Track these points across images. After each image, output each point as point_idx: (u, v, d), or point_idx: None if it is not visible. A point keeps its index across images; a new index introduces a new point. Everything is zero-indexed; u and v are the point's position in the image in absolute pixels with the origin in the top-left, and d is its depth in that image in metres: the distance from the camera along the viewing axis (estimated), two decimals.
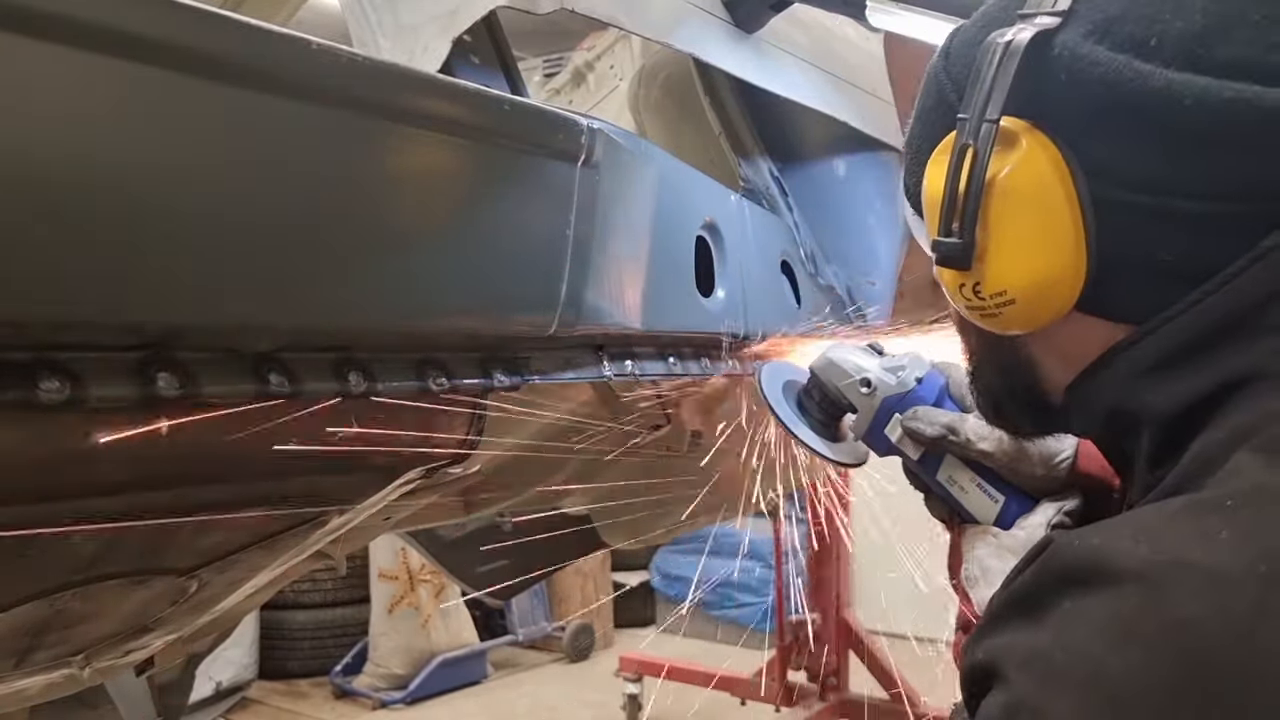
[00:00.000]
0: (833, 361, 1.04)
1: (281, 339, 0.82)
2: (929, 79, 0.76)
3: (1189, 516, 0.54)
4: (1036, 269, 0.67)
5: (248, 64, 0.70)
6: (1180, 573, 0.51)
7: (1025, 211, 0.67)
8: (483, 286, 0.94)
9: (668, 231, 1.23)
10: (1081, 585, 0.54)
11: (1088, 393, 0.70)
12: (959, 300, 0.73)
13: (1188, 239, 0.63)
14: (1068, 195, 0.65)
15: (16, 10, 0.57)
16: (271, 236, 0.76)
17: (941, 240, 0.70)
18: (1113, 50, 0.63)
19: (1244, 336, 0.61)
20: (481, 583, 2.79)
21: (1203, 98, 0.60)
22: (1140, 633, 0.50)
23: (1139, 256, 0.65)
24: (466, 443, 1.07)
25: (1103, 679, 0.50)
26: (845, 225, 1.74)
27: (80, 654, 1.07)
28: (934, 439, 0.93)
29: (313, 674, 4.80)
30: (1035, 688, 0.53)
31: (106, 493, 0.80)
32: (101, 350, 0.71)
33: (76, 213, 0.63)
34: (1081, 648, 0.52)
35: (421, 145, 0.87)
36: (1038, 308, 0.68)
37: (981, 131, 0.66)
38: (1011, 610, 0.58)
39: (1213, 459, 0.58)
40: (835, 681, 4.03)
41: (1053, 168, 0.65)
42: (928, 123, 0.75)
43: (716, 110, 1.73)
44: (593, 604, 5.45)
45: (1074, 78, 0.64)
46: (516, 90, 1.08)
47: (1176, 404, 0.63)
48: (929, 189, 0.72)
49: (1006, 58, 0.65)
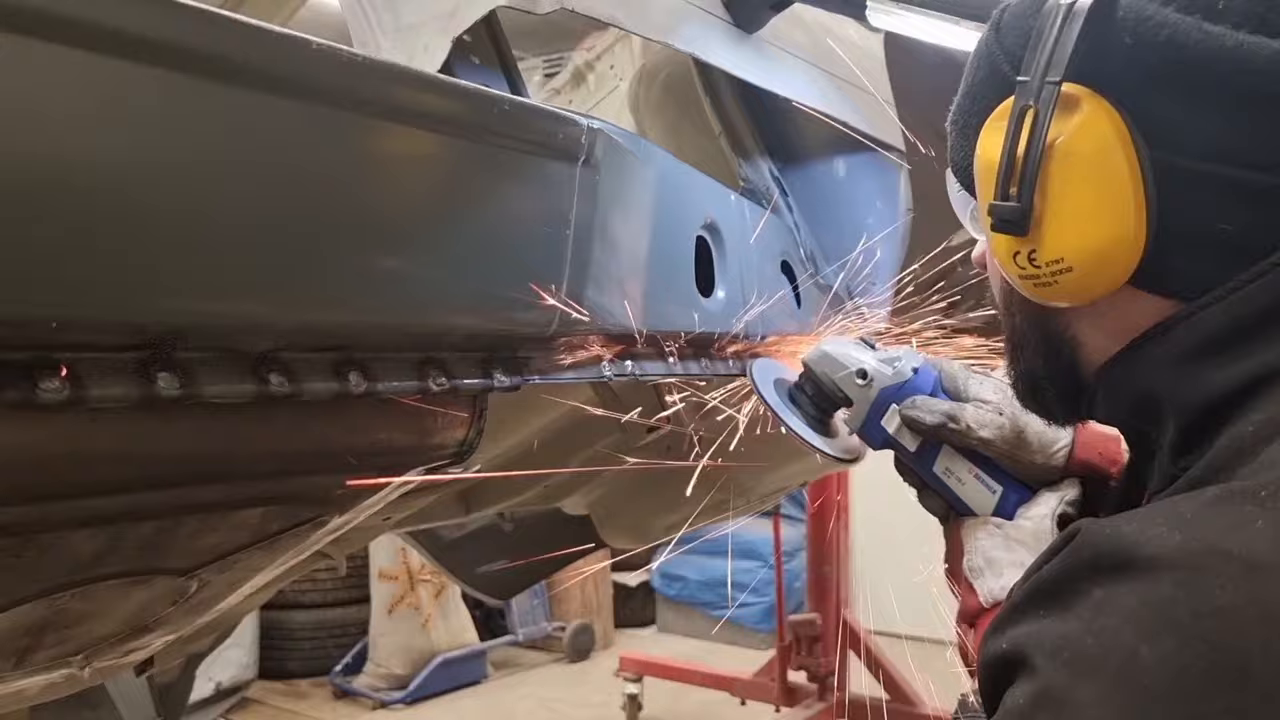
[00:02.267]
0: (828, 353, 1.03)
1: (281, 339, 0.82)
2: (978, 54, 0.74)
3: (1224, 506, 0.53)
4: (1095, 236, 0.65)
5: (248, 64, 0.70)
6: (1215, 561, 0.50)
7: (1085, 177, 0.65)
8: (483, 286, 0.94)
9: (668, 231, 1.23)
10: (1113, 573, 0.53)
11: (1120, 376, 0.69)
12: (1012, 270, 0.71)
13: (1249, 212, 0.62)
14: (1129, 162, 0.63)
15: (17, 10, 0.57)
16: (272, 236, 0.76)
17: (998, 204, 0.68)
18: (1180, 12, 0.61)
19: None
20: (481, 583, 2.79)
21: (1274, 60, 0.59)
22: (1174, 621, 0.49)
23: (1198, 228, 0.63)
24: (467, 442, 1.07)
25: (1135, 667, 0.50)
26: (845, 225, 1.74)
27: (80, 654, 1.07)
28: (934, 427, 0.92)
29: (313, 674, 4.80)
30: (1065, 676, 0.52)
31: (106, 493, 0.80)
32: (102, 350, 0.71)
33: (77, 213, 0.63)
34: (1113, 636, 0.51)
35: (421, 145, 0.87)
36: (1094, 277, 0.66)
37: (1043, 94, 0.64)
38: (1038, 600, 0.57)
39: (1244, 450, 0.57)
40: (835, 681, 4.03)
41: (1115, 133, 0.63)
42: (978, 96, 0.73)
43: (716, 110, 1.73)
44: (593, 604, 5.45)
45: (1139, 40, 0.62)
46: (516, 90, 1.08)
47: (1208, 394, 0.62)
48: (983, 155, 0.70)
49: (1070, 20, 0.63)
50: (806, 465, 2.23)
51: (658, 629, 5.85)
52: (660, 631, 5.82)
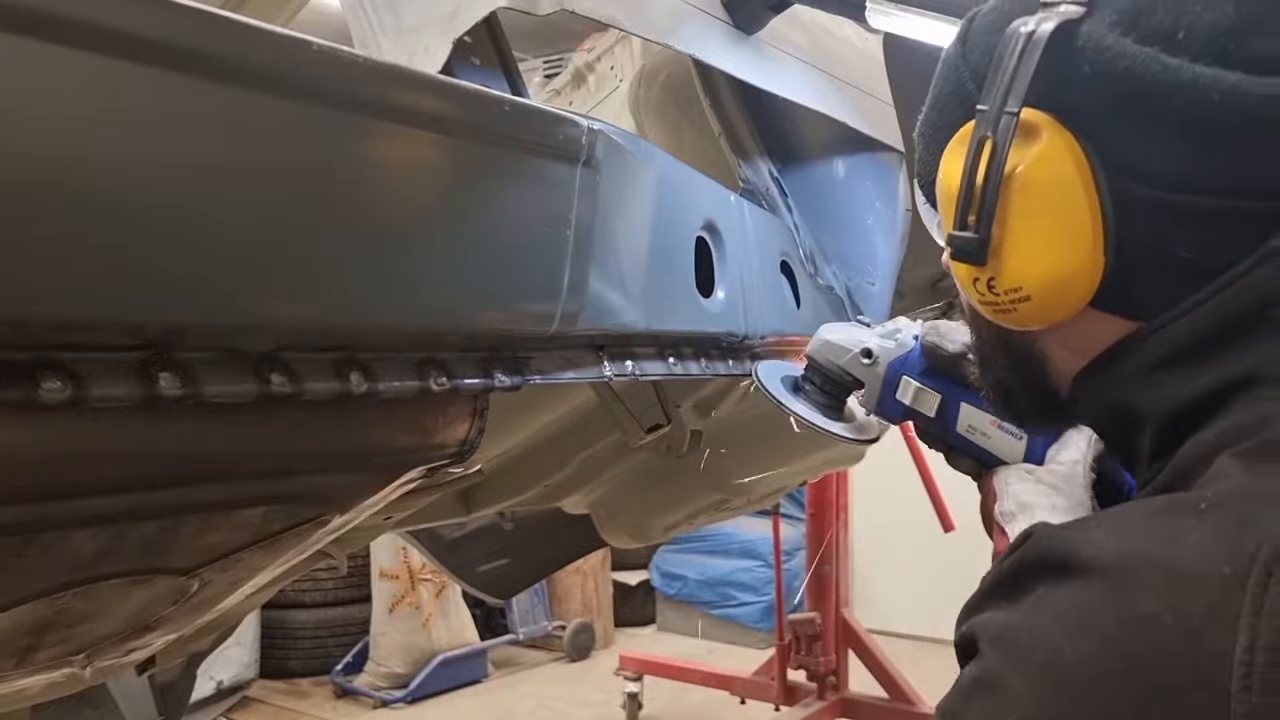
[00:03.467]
0: (828, 341, 1.04)
1: (283, 339, 0.82)
2: (945, 65, 0.74)
3: (1164, 516, 0.55)
4: (1053, 266, 0.65)
5: (249, 65, 0.70)
6: (1144, 570, 0.51)
7: (1044, 207, 0.65)
8: (483, 286, 0.94)
9: (668, 232, 1.23)
10: (1054, 573, 0.55)
11: (1092, 387, 0.70)
12: (973, 295, 0.72)
13: (1206, 235, 0.62)
14: (1088, 191, 0.63)
15: (17, 10, 0.58)
16: (273, 237, 0.76)
17: (957, 234, 0.69)
18: (1139, 42, 0.61)
19: (1246, 338, 0.60)
20: (481, 581, 2.80)
21: (1231, 93, 0.59)
22: (1097, 625, 0.51)
23: (1157, 253, 0.64)
24: (468, 442, 1.07)
25: (1058, 665, 0.51)
26: (845, 225, 1.74)
27: (82, 653, 1.07)
28: (956, 355, 0.93)
29: (314, 673, 4.80)
30: (1002, 664, 0.54)
31: (108, 492, 0.80)
32: (103, 350, 0.71)
33: (78, 213, 0.64)
34: (1044, 632, 0.53)
35: (422, 146, 0.87)
36: (1053, 305, 0.67)
37: (1001, 124, 0.65)
38: (995, 591, 0.59)
39: (1200, 459, 0.58)
40: (835, 681, 4.03)
41: (1073, 162, 0.63)
42: (943, 109, 0.74)
43: (716, 111, 1.73)
44: (593, 603, 5.45)
45: (1098, 70, 0.62)
46: (517, 91, 1.08)
47: (1176, 403, 0.63)
48: (944, 181, 0.71)
49: (1029, 48, 0.63)
50: (813, 459, 2.24)
51: (658, 628, 5.85)
52: (660, 630, 5.82)
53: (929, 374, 0.98)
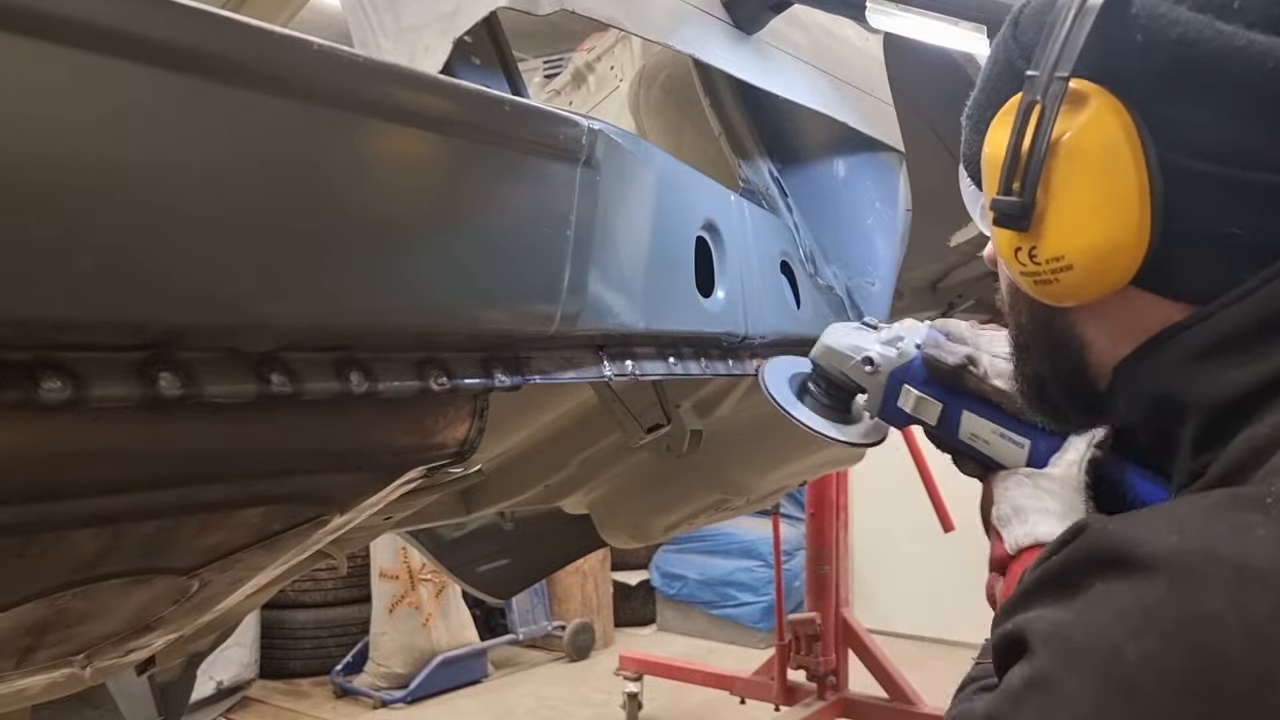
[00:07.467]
0: (830, 347, 1.03)
1: (283, 339, 0.82)
2: (996, 49, 0.74)
3: (1227, 510, 0.53)
4: (1097, 235, 0.64)
5: (250, 65, 0.70)
6: (1208, 566, 0.50)
7: (1090, 175, 0.64)
8: (483, 286, 0.94)
9: (668, 232, 1.23)
10: (1110, 569, 0.53)
11: (1135, 374, 0.68)
12: (1014, 266, 0.70)
13: (1259, 214, 0.61)
14: (1135, 160, 0.62)
15: (18, 10, 0.58)
16: (273, 237, 0.76)
17: (1000, 199, 0.67)
18: (1193, 10, 0.60)
19: None
20: (481, 581, 2.80)
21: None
22: (1159, 623, 0.49)
23: (1206, 230, 0.62)
24: (468, 441, 1.07)
25: (1118, 664, 0.50)
26: (845, 226, 1.74)
27: (82, 653, 1.07)
28: (955, 367, 0.93)
29: (314, 673, 4.80)
30: (1056, 664, 0.52)
31: (108, 492, 0.80)
32: (103, 350, 0.71)
33: (78, 212, 0.64)
34: (1101, 631, 0.51)
35: (422, 146, 0.87)
36: (1095, 277, 0.66)
37: (1050, 89, 0.64)
38: (1043, 587, 0.57)
39: (1258, 452, 0.56)
40: (835, 681, 4.03)
41: (1122, 131, 0.62)
42: (992, 90, 0.73)
43: (716, 111, 1.73)
44: (593, 603, 5.45)
45: (1150, 38, 0.61)
46: (517, 91, 1.08)
47: (1227, 393, 0.61)
48: (990, 149, 0.70)
49: (1082, 14, 0.63)
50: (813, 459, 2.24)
51: (658, 628, 5.85)
52: (660, 630, 5.82)
53: (930, 383, 0.98)
